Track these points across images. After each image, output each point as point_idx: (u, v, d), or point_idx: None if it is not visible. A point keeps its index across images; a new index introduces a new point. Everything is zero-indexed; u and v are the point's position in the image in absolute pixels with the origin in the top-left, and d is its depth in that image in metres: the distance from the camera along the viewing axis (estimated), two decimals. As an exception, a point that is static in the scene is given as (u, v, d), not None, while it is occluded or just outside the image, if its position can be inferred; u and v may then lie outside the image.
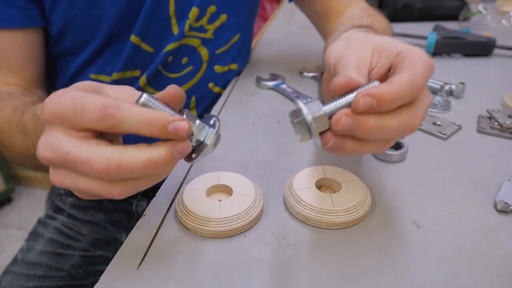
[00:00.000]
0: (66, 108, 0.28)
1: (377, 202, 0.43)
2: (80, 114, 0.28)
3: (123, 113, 0.28)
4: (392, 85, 0.30)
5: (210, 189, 0.42)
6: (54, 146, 0.29)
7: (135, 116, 0.28)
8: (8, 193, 1.81)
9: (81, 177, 0.29)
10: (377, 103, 0.29)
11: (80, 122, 0.28)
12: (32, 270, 0.66)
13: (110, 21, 0.57)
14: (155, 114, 0.28)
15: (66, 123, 0.29)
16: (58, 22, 0.56)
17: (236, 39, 0.68)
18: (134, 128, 0.28)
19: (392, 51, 0.35)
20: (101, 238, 0.73)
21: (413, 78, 0.30)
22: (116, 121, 0.28)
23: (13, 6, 0.51)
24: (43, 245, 0.69)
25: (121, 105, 0.28)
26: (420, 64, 0.32)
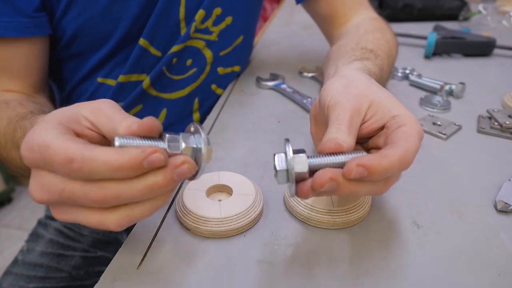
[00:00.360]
0: (37, 158, 0.28)
1: (377, 202, 0.43)
2: (50, 165, 0.27)
3: (89, 165, 0.26)
4: (385, 159, 0.30)
5: (210, 189, 0.42)
6: (47, 187, 0.28)
7: (102, 166, 0.26)
8: (8, 193, 1.81)
9: (78, 211, 0.29)
10: (368, 174, 0.30)
11: (54, 171, 0.28)
12: (32, 271, 0.66)
13: (123, 26, 0.57)
14: (123, 158, 0.26)
15: (44, 167, 0.28)
16: (70, 28, 0.56)
17: (240, 41, 0.68)
18: (109, 177, 0.27)
19: (389, 112, 0.35)
20: (101, 239, 0.73)
21: (405, 155, 0.31)
22: (85, 174, 0.27)
23: (22, 15, 0.51)
24: (44, 246, 0.69)
25: (85, 157, 0.26)
26: (413, 139, 0.33)
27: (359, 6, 0.68)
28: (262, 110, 0.63)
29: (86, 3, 0.54)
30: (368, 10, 0.69)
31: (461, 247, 0.38)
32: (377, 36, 0.58)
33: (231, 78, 0.72)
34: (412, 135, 0.33)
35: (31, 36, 0.53)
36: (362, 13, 0.67)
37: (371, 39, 0.56)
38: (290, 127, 0.58)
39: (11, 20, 0.51)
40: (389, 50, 0.58)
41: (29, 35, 0.53)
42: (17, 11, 0.50)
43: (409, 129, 0.33)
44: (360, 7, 0.68)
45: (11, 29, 0.51)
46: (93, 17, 0.55)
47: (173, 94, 0.66)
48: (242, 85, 0.71)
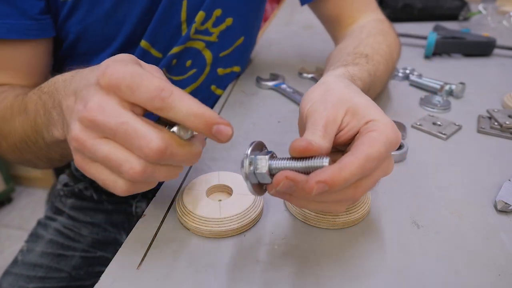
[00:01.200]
0: (125, 79, 0.29)
1: (377, 202, 0.43)
2: (136, 89, 0.29)
3: (176, 100, 0.29)
4: (344, 170, 0.30)
5: (210, 189, 0.42)
6: (110, 111, 0.29)
7: (186, 106, 0.29)
8: (8, 193, 1.81)
9: (104, 143, 0.30)
10: (330, 188, 0.30)
11: (132, 97, 0.29)
12: (32, 272, 0.66)
13: (126, 30, 0.57)
14: (205, 110, 0.29)
15: (119, 93, 0.29)
16: (73, 31, 0.56)
17: (240, 41, 0.68)
18: (182, 117, 0.29)
19: (363, 117, 0.35)
20: (101, 239, 0.73)
21: (365, 162, 0.31)
22: (166, 105, 0.29)
23: (26, 18, 0.51)
24: (43, 246, 0.69)
25: (175, 91, 0.29)
26: (377, 145, 0.32)
27: (366, 8, 0.68)
28: (262, 110, 0.63)
29: (90, 7, 0.54)
30: (375, 12, 0.68)
31: (461, 247, 0.38)
32: (378, 39, 0.57)
33: (231, 78, 0.72)
34: (377, 141, 0.32)
35: (35, 38, 0.53)
36: (369, 15, 0.67)
37: (371, 43, 0.56)
38: (290, 127, 0.58)
39: (15, 22, 0.51)
40: (389, 54, 0.57)
41: (33, 37, 0.53)
42: (21, 13, 0.50)
43: (377, 134, 0.33)
44: (367, 9, 0.68)
45: (15, 31, 0.51)
46: (97, 21, 0.55)
47: None
48: (242, 85, 0.71)
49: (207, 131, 0.29)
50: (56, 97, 0.37)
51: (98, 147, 0.30)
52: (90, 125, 0.30)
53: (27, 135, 0.43)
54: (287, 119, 0.60)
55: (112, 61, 0.31)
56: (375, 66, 0.51)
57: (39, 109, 0.40)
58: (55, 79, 0.39)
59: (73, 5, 0.53)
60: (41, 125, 0.40)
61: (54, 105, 0.37)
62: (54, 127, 0.38)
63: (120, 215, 0.75)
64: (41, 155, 0.47)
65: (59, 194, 0.77)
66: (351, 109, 0.36)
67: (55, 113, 0.37)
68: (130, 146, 0.29)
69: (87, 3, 0.53)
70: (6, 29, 0.50)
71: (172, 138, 0.30)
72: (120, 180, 0.31)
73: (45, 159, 0.48)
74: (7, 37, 0.51)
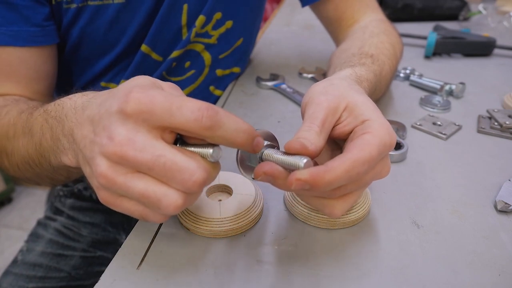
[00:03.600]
0: (159, 103, 0.26)
1: (377, 202, 0.43)
2: (177, 110, 0.26)
3: (224, 117, 0.27)
4: (329, 173, 0.30)
5: (210, 189, 0.42)
6: (142, 143, 0.26)
7: (234, 123, 0.27)
8: (8, 193, 1.81)
9: (138, 179, 0.28)
10: (311, 188, 0.30)
11: (172, 120, 0.26)
12: (32, 271, 0.66)
13: (129, 36, 0.57)
14: (248, 125, 0.28)
15: (150, 120, 0.27)
16: (76, 36, 0.56)
17: (240, 43, 0.68)
18: (230, 134, 0.27)
19: (361, 115, 0.35)
20: (100, 239, 0.73)
21: (353, 167, 0.30)
22: (216, 123, 0.27)
23: (32, 24, 0.51)
24: (43, 246, 0.69)
25: (219, 109, 0.27)
26: (369, 149, 0.31)
27: (367, 9, 0.68)
28: (262, 110, 0.63)
29: (94, 15, 0.54)
30: (376, 12, 0.68)
31: (461, 247, 0.38)
32: (382, 39, 0.57)
33: (230, 79, 0.72)
34: (370, 144, 0.32)
35: (40, 45, 0.53)
36: (369, 15, 0.67)
37: (375, 43, 0.56)
38: (290, 127, 0.58)
39: (20, 29, 0.51)
40: (393, 54, 0.57)
41: (38, 44, 0.53)
42: (26, 20, 0.50)
43: (370, 137, 0.32)
44: (368, 9, 0.68)
45: (20, 38, 0.51)
46: (100, 27, 0.55)
47: None
48: (242, 85, 0.71)
49: (249, 145, 0.28)
50: (66, 124, 0.34)
51: (131, 184, 0.28)
52: (119, 160, 0.27)
53: (31, 157, 0.41)
54: (287, 119, 0.60)
55: (132, 86, 0.28)
56: (380, 66, 0.51)
57: (45, 132, 0.38)
58: (62, 103, 0.37)
59: (77, 12, 0.53)
60: (47, 148, 0.38)
61: (64, 132, 0.35)
62: (63, 154, 0.35)
63: (120, 215, 0.75)
64: (44, 176, 0.45)
65: (58, 194, 0.77)
66: (350, 104, 0.36)
67: (65, 141, 0.35)
68: (170, 180, 0.27)
69: (91, 11, 0.54)
70: (11, 36, 0.50)
71: (209, 165, 0.29)
72: (158, 214, 0.30)
73: (48, 179, 0.47)
74: (12, 44, 0.51)
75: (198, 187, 0.27)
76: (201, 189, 0.28)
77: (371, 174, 0.33)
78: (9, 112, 0.46)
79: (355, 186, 0.33)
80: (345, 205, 0.34)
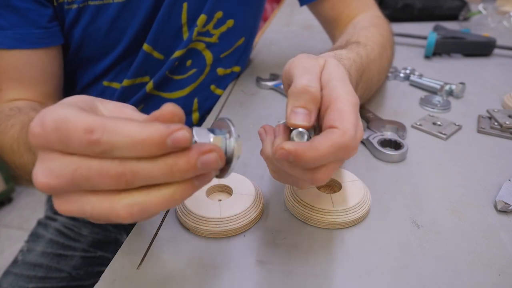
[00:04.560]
0: (50, 134, 0.24)
1: (377, 202, 0.43)
2: (66, 141, 0.24)
3: (111, 137, 0.23)
4: (314, 150, 0.29)
5: (210, 189, 0.42)
6: (57, 170, 0.24)
7: (125, 138, 0.23)
8: (8, 193, 1.81)
9: (86, 198, 0.25)
10: (295, 160, 0.29)
11: (67, 149, 0.24)
12: (32, 271, 0.66)
13: (130, 35, 0.57)
14: (147, 132, 0.23)
15: (55, 148, 0.25)
16: (78, 36, 0.56)
17: (241, 42, 0.68)
18: (129, 153, 0.24)
19: (331, 90, 0.33)
20: (101, 239, 0.73)
21: (337, 149, 0.30)
22: (105, 148, 0.23)
23: (36, 27, 0.51)
24: (43, 246, 0.69)
25: (106, 127, 0.23)
26: (348, 118, 0.31)
27: (364, 7, 0.68)
28: (262, 110, 0.63)
29: (95, 14, 0.54)
30: (373, 10, 0.68)
31: (461, 247, 0.38)
32: (372, 30, 0.58)
33: (230, 78, 0.72)
34: (346, 113, 0.31)
35: (45, 46, 0.53)
36: (366, 13, 0.67)
37: (364, 33, 0.56)
38: (290, 127, 0.58)
39: (25, 32, 0.51)
40: (383, 45, 0.57)
41: (43, 46, 0.53)
42: (31, 22, 0.51)
43: (343, 105, 0.31)
44: (365, 7, 0.68)
45: (26, 41, 0.51)
46: (101, 27, 0.55)
47: (173, 93, 0.66)
48: (242, 85, 0.71)
49: (163, 148, 0.24)
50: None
51: (64, 208, 0.26)
52: (49, 191, 0.25)
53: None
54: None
55: (39, 114, 0.25)
56: (367, 50, 0.51)
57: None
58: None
59: (78, 12, 0.54)
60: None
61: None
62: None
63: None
64: None
65: (59, 194, 0.76)
66: (324, 75, 0.35)
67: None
68: (87, 191, 0.25)
69: (92, 10, 0.54)
70: (17, 39, 0.51)
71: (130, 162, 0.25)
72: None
73: None
74: (18, 47, 0.51)
75: (118, 180, 0.24)
76: (125, 182, 0.24)
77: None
78: (14, 126, 0.45)
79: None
80: (329, 172, 0.32)
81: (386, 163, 0.50)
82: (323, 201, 0.40)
